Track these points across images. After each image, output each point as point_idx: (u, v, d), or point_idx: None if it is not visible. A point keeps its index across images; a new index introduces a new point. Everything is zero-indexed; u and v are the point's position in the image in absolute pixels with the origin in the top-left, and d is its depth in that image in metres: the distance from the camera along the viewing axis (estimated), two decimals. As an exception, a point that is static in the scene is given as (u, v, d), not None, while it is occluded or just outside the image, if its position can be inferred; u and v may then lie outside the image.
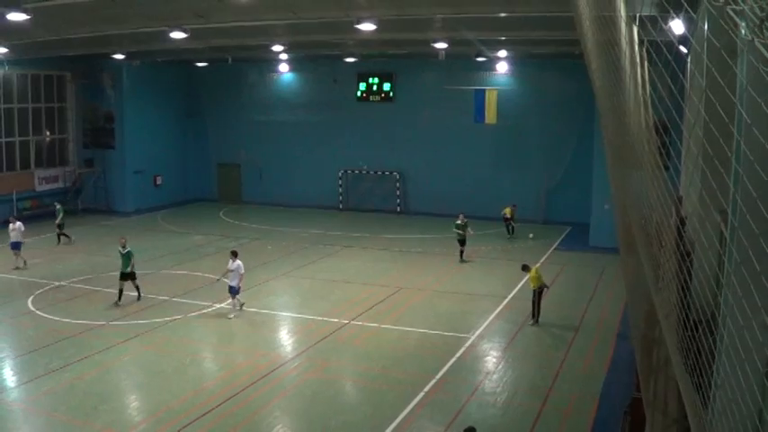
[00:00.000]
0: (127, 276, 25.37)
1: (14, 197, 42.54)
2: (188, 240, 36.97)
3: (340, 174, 45.58)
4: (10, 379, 19.42)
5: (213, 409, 16.69)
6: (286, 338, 22.66)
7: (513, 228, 37.33)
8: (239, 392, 17.64)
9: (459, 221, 31.50)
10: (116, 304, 24.89)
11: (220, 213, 45.31)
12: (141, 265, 30.95)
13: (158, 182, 48.30)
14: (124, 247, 25.54)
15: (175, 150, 49.44)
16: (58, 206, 36.78)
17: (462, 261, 30.89)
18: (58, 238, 36.12)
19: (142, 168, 46.85)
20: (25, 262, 30.72)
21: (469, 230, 31.60)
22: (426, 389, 17.75)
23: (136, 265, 25.70)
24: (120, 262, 25.64)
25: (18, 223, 30.96)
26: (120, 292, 25.24)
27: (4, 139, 43.16)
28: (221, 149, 49.92)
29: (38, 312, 24.68)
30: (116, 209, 46.12)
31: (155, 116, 47.58)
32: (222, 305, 24.79)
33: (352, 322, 23.07)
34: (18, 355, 20.86)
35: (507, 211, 37.63)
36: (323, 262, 31.84)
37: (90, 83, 46.32)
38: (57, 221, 36.25)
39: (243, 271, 23.98)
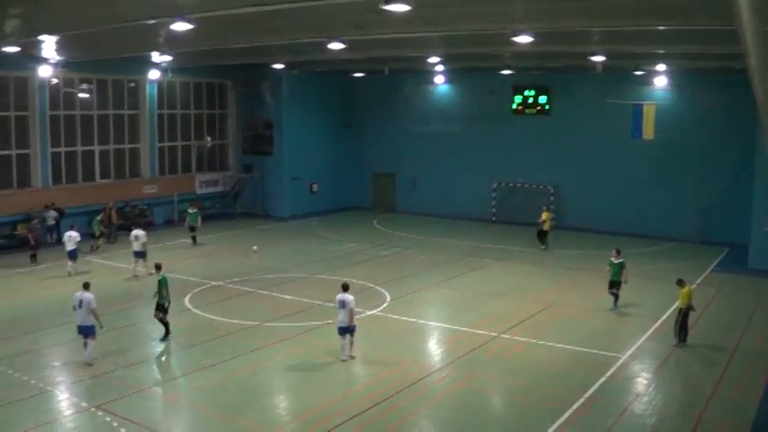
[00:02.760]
0: (160, 308, 22.56)
1: (176, 199, 44.67)
2: (341, 247, 37.78)
3: (494, 186, 45.53)
4: (165, 373, 20.54)
5: (360, 413, 17.06)
6: (435, 348, 22.88)
7: (545, 239, 37.07)
8: (387, 399, 17.96)
9: (614, 259, 26.34)
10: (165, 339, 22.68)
11: (374, 222, 46.07)
12: (296, 270, 32.09)
13: (314, 189, 49.53)
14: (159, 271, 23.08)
15: (331, 159, 50.60)
16: (192, 210, 38.25)
17: (616, 306, 26.61)
18: (194, 240, 37.65)
19: (299, 175, 48.18)
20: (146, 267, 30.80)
21: (625, 275, 26.19)
22: (574, 407, 17.52)
23: (292, 270, 26.26)
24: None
25: (142, 232, 31.41)
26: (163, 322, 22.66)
27: (167, 144, 45.46)
28: (376, 159, 50.75)
29: (194, 310, 25.90)
30: (272, 214, 47.60)
31: (312, 125, 48.85)
32: (374, 312, 25.27)
33: (501, 335, 23.05)
34: (174, 350, 22.00)
35: (545, 218, 37.16)
36: (474, 274, 31.91)
37: (250, 91, 48.10)
38: (188, 224, 37.72)
39: (353, 306, 20.73)
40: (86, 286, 20.78)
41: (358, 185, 51.49)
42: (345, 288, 20.65)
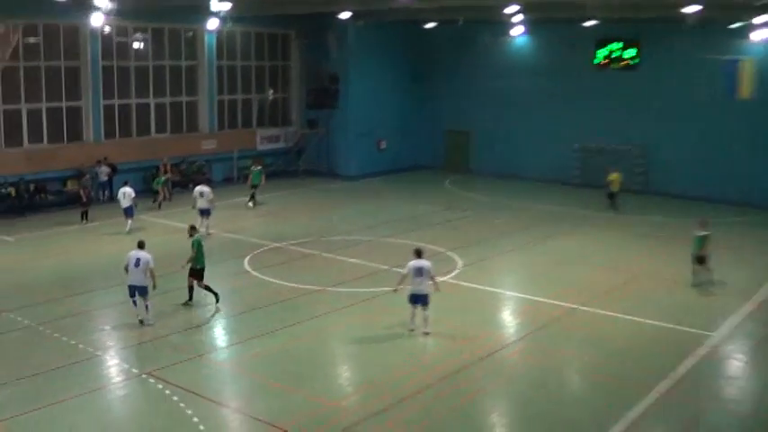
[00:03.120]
0: (195, 274, 22.33)
1: (235, 155, 44.91)
2: (411, 209, 37.60)
3: (576, 146, 44.77)
4: (221, 339, 20.66)
5: (427, 387, 16.93)
6: (509, 319, 22.65)
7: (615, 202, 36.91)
8: (456, 373, 17.79)
9: (697, 232, 25.03)
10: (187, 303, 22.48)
11: (446, 182, 45.76)
12: (362, 232, 32.11)
13: (382, 146, 49.38)
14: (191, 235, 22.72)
15: (400, 114, 50.30)
16: (257, 168, 38.10)
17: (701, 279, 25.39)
18: (251, 198, 37.42)
19: (366, 131, 48.05)
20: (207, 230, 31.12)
21: (706, 249, 24.79)
22: (659, 389, 17.06)
23: (358, 232, 26.23)
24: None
25: (207, 188, 31.68)
26: (190, 290, 22.44)
27: (226, 97, 45.65)
28: (449, 115, 50.26)
29: (254, 273, 26.03)
30: (338, 172, 47.61)
31: (380, 78, 48.53)
32: (444, 278, 25.07)
33: (580, 308, 22.66)
34: (231, 315, 22.10)
35: (614, 179, 36.90)
36: (553, 240, 31.48)
37: (314, 42, 47.90)
38: (251, 182, 37.44)
39: (434, 272, 20.56)
40: (141, 245, 20.97)
41: (429, 143, 51.11)
42: (419, 253, 20.26)
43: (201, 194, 31.36)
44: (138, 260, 20.45)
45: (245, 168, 43.60)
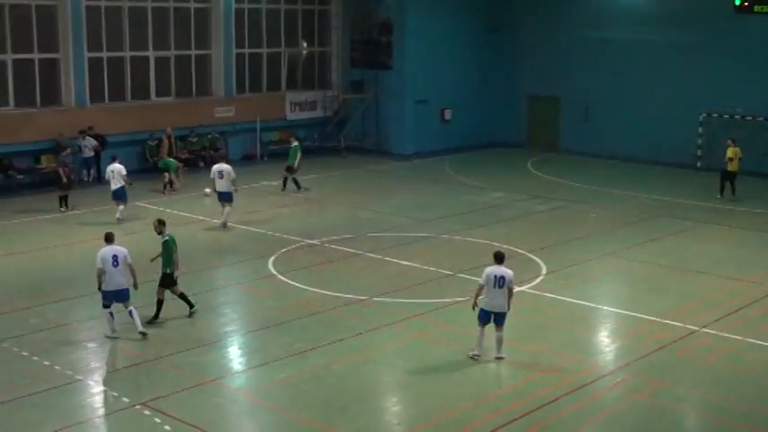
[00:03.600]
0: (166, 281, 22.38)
1: (258, 126, 45.19)
2: (483, 198, 37.80)
3: (701, 118, 44.48)
4: (237, 360, 20.89)
5: (500, 427, 16.97)
6: (607, 343, 22.59)
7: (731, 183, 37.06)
8: (537, 409, 17.80)
9: None
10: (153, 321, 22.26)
11: (528, 164, 45.83)
12: (420, 227, 32.19)
13: (447, 117, 49.47)
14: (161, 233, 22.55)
15: (472, 76, 50.33)
16: (295, 143, 38.21)
17: None
18: (284, 183, 37.88)
19: (426, 98, 48.11)
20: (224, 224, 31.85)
21: None
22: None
23: (414, 227, 26.31)
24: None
25: (227, 167, 32.10)
26: (159, 303, 22.32)
27: (247, 51, 45.94)
28: (534, 77, 50.19)
29: (280, 277, 26.30)
30: (390, 149, 47.84)
31: (447, 28, 48.61)
32: (524, 288, 25.11)
33: (702, 330, 22.55)
34: (251, 330, 22.44)
35: (731, 154, 36.98)
36: (667, 241, 31.36)
37: (362, -20, 48.28)
38: (290, 163, 37.69)
39: (513, 285, 20.59)
40: (110, 238, 21.25)
41: (508, 114, 51.13)
42: (500, 258, 20.14)
43: (221, 174, 31.72)
44: (115, 257, 20.78)
45: (271, 143, 44.05)
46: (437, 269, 26.98)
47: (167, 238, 22.17)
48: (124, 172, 31.99)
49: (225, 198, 31.77)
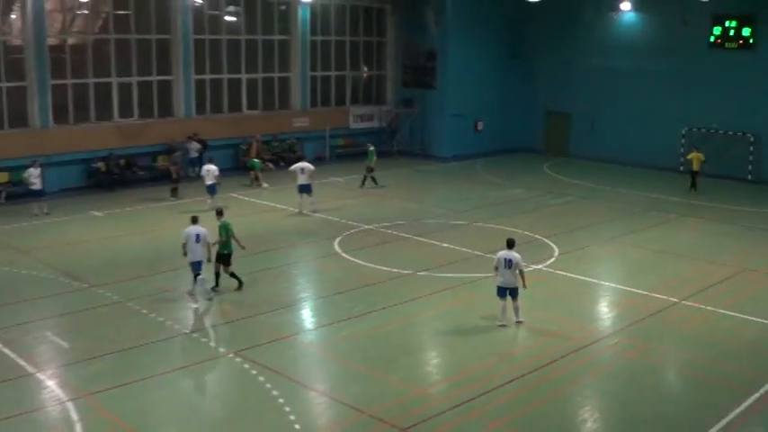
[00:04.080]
0: (222, 259, 22.30)
1: (327, 133, 45.47)
2: (507, 193, 37.68)
3: (683, 131, 44.04)
4: (309, 320, 21.17)
5: (517, 378, 17.11)
6: (605, 311, 22.58)
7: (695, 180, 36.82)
8: (547, 364, 17.90)
9: None
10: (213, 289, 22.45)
11: (544, 166, 45.58)
12: (456, 216, 32.26)
13: (479, 127, 49.33)
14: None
15: (498, 94, 50.02)
16: (372, 148, 38.30)
17: None
18: (364, 181, 37.90)
19: (462, 112, 48.04)
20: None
21: None
22: (763, 390, 16.87)
23: (452, 216, 26.39)
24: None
25: (307, 164, 32.45)
26: (216, 276, 22.42)
27: (319, 73, 46.21)
28: (550, 96, 49.89)
29: (344, 255, 26.48)
30: (432, 153, 47.76)
31: (478, 55, 48.30)
32: (539, 267, 25.14)
33: (682, 302, 22.44)
34: (320, 296, 22.73)
35: (693, 157, 36.55)
36: (654, 230, 31.16)
37: (411, 17, 48.14)
38: (369, 164, 37.77)
39: (522, 266, 20.41)
40: (195, 220, 21.79)
41: (528, 125, 50.86)
42: (510, 244, 20.25)
43: (302, 170, 32.10)
44: (198, 235, 21.28)
45: (338, 147, 44.30)
46: (470, 250, 27.06)
47: (222, 223, 22.15)
48: (217, 172, 32.40)
49: (305, 190, 32.07)
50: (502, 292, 20.22)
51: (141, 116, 38.81)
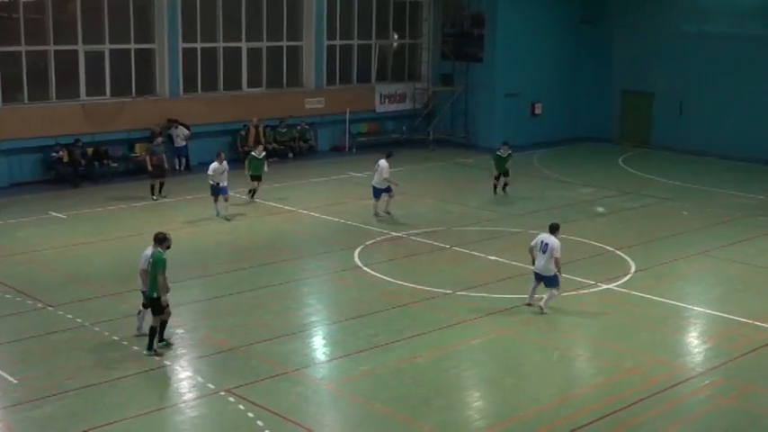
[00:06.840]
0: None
1: (348, 118, 45.40)
2: (572, 193, 37.64)
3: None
4: (321, 350, 21.05)
5: (582, 426, 16.90)
6: (696, 344, 22.30)
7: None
8: (621, 409, 17.67)
9: None
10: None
11: (619, 160, 45.48)
12: (507, 222, 32.23)
13: (537, 111, 49.28)
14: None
15: (563, 69, 50.02)
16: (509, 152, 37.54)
17: None
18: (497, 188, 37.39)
19: (516, 91, 47.95)
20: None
21: None
22: None
23: (501, 221, 26.21)
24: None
25: (384, 162, 32.48)
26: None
27: (338, 42, 46.11)
28: (627, 71, 49.71)
29: (365, 269, 26.42)
30: (478, 143, 47.67)
31: (539, 20, 48.40)
32: (611, 286, 24.91)
33: (796, 333, 22.29)
34: (336, 321, 22.59)
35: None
36: (760, 241, 30.91)
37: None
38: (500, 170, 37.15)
39: (559, 254, 22.15)
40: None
41: (599, 108, 50.76)
42: (552, 229, 21.78)
43: (380, 169, 32.18)
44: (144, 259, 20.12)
45: (360, 134, 44.21)
46: (523, 264, 26.70)
47: (156, 257, 19.77)
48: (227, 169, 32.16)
49: (382, 193, 32.32)
50: (537, 277, 22.01)
51: (115, 94, 38.80)
